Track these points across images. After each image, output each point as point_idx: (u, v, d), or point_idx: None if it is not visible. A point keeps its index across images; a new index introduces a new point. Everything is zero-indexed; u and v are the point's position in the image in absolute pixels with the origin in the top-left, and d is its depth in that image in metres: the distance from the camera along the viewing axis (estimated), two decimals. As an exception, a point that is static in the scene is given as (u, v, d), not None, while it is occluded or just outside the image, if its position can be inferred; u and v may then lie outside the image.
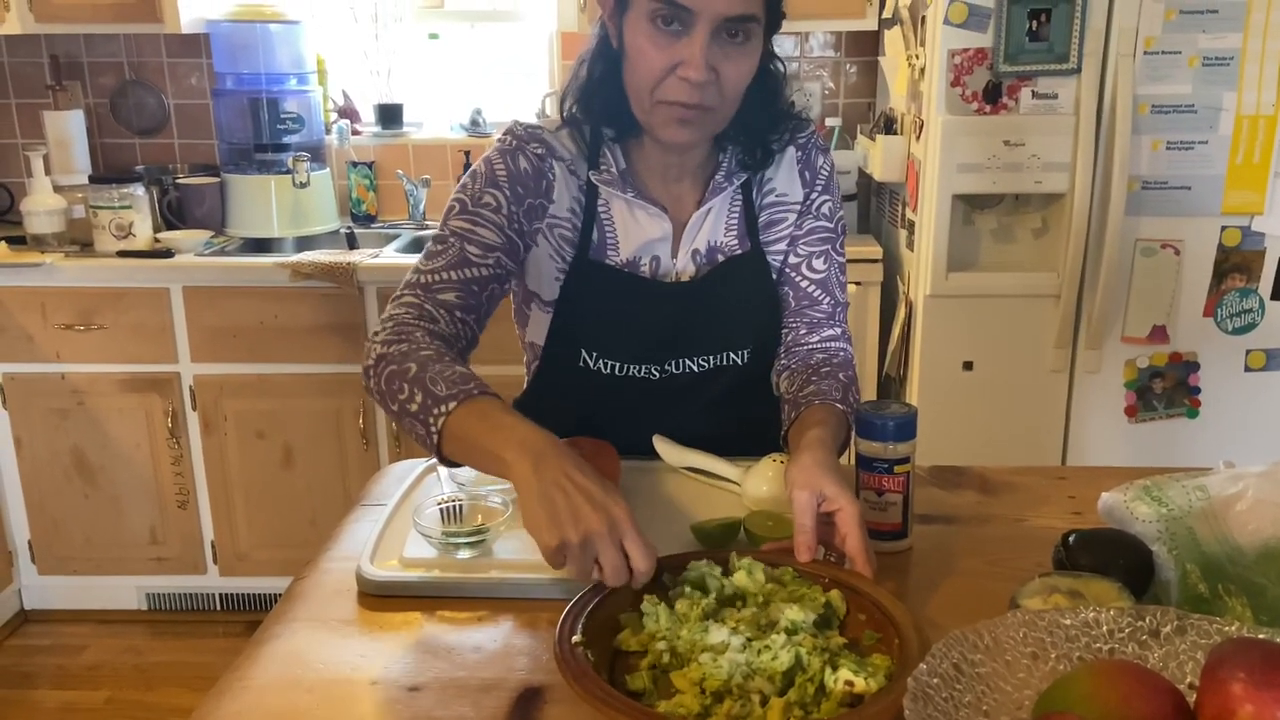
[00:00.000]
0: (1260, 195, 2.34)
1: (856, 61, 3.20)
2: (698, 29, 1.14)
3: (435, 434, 1.05)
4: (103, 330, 2.75)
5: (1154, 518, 1.01)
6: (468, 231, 1.25)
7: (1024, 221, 2.48)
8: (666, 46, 1.16)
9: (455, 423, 1.04)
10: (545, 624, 0.99)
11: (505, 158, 1.29)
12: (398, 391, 1.09)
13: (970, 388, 2.51)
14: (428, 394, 1.06)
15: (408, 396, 1.08)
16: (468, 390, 1.06)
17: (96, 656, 2.84)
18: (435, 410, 1.05)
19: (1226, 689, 0.69)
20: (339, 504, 2.75)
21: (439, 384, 1.07)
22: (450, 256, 1.24)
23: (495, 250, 1.25)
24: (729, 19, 1.14)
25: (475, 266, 1.24)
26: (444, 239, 1.25)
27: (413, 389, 1.08)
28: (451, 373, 1.08)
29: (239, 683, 0.92)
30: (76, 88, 3.21)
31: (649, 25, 1.16)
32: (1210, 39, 2.25)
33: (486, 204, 1.26)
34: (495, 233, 1.26)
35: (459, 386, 1.06)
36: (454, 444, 1.05)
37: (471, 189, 1.28)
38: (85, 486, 2.88)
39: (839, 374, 1.30)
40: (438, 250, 1.25)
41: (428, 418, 1.06)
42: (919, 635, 0.88)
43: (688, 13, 1.13)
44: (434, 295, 1.22)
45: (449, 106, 3.35)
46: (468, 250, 1.24)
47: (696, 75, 1.15)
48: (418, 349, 1.13)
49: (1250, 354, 2.44)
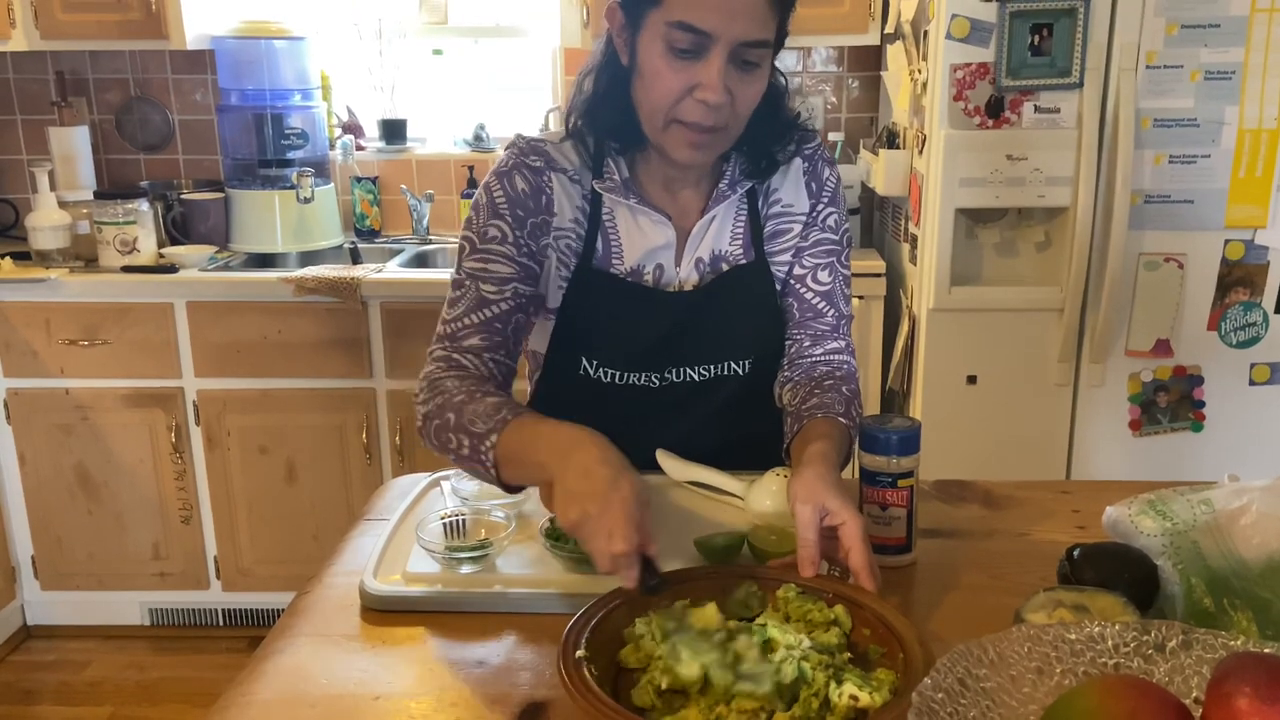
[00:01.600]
0: (1263, 209, 2.34)
1: (859, 76, 3.21)
2: (714, 52, 1.15)
3: (493, 467, 1.11)
4: (107, 345, 2.75)
5: (1159, 532, 1.01)
6: (480, 271, 1.28)
7: (1027, 235, 2.48)
8: (683, 69, 1.17)
9: (501, 453, 1.10)
10: (549, 639, 0.99)
11: (503, 181, 1.30)
12: (449, 443, 1.16)
13: (974, 402, 2.50)
14: (471, 436, 1.13)
15: (457, 445, 1.14)
16: (502, 419, 1.11)
17: (99, 672, 2.83)
18: (482, 449, 1.11)
19: (1232, 704, 0.68)
20: (342, 519, 2.75)
21: (476, 423, 1.13)
22: (469, 301, 1.27)
23: (510, 282, 1.28)
24: (745, 43, 1.15)
25: (494, 305, 1.27)
26: (460, 283, 1.29)
27: (459, 438, 1.14)
28: (484, 407, 1.14)
29: (242, 698, 0.92)
30: (82, 104, 3.23)
31: (665, 48, 1.16)
32: (1212, 53, 2.25)
33: (493, 238, 1.28)
34: (506, 264, 1.28)
35: (493, 418, 1.12)
36: (508, 469, 1.11)
37: (476, 225, 1.30)
38: (88, 502, 2.88)
39: (842, 387, 1.30)
40: (457, 296, 1.28)
41: (479, 457, 1.12)
42: (923, 650, 0.87)
43: (706, 37, 1.14)
44: (459, 343, 1.26)
45: (453, 122, 3.36)
46: (484, 290, 1.27)
47: (715, 98, 1.16)
48: (451, 398, 1.18)
49: (1255, 367, 2.44)
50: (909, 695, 0.75)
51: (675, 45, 1.15)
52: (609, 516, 0.95)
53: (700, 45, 1.15)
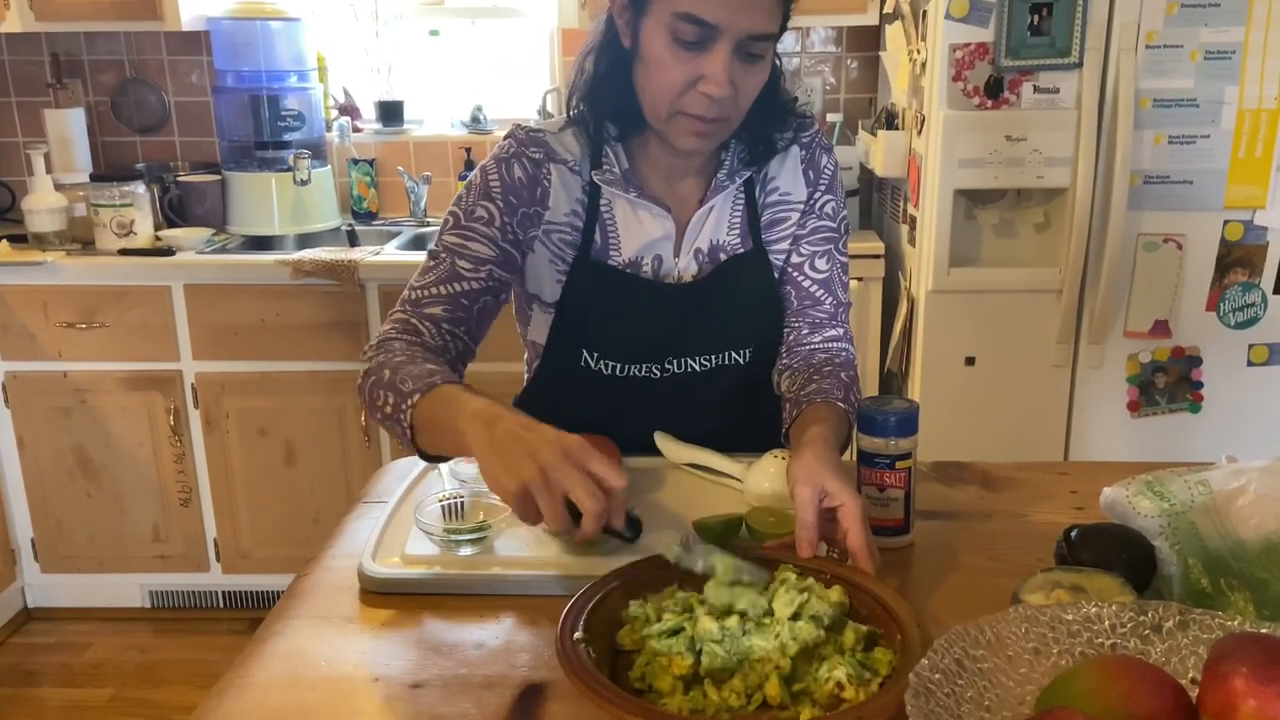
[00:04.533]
0: (1263, 189, 2.33)
1: (858, 57, 3.20)
2: (720, 45, 1.14)
3: (408, 428, 1.09)
4: (104, 328, 2.75)
5: (1156, 512, 1.01)
6: (459, 246, 1.27)
7: (1026, 216, 2.48)
8: (688, 60, 1.16)
9: (420, 412, 1.08)
10: (547, 620, 0.99)
11: (500, 167, 1.29)
12: (376, 399, 1.14)
13: (972, 383, 2.50)
14: (397, 393, 1.11)
15: (384, 401, 1.12)
16: (431, 382, 1.09)
17: (100, 654, 2.84)
18: (403, 406, 1.09)
19: (1229, 684, 0.69)
20: (341, 501, 2.76)
21: (406, 382, 1.11)
22: (441, 272, 1.26)
23: (487, 263, 1.27)
24: (751, 36, 1.15)
25: (465, 280, 1.26)
26: (436, 254, 1.28)
27: (386, 393, 1.12)
28: (419, 370, 1.12)
29: (241, 680, 0.92)
30: (77, 86, 3.21)
31: (671, 39, 1.15)
32: (1212, 32, 2.24)
33: (479, 217, 1.28)
34: (488, 245, 1.27)
35: (424, 380, 1.10)
36: (424, 433, 1.09)
37: (466, 202, 1.29)
38: (88, 485, 2.88)
39: (841, 373, 1.30)
40: (430, 266, 1.28)
41: (399, 415, 1.10)
42: (921, 631, 0.87)
43: (713, 30, 1.13)
44: (421, 310, 1.25)
45: (450, 103, 3.34)
46: (458, 265, 1.26)
47: (720, 91, 1.16)
48: (393, 357, 1.17)
49: (1253, 348, 2.44)
50: (906, 676, 0.75)
51: (681, 37, 1.15)
52: (571, 458, 0.92)
53: (706, 37, 1.14)
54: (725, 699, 0.84)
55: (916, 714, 0.71)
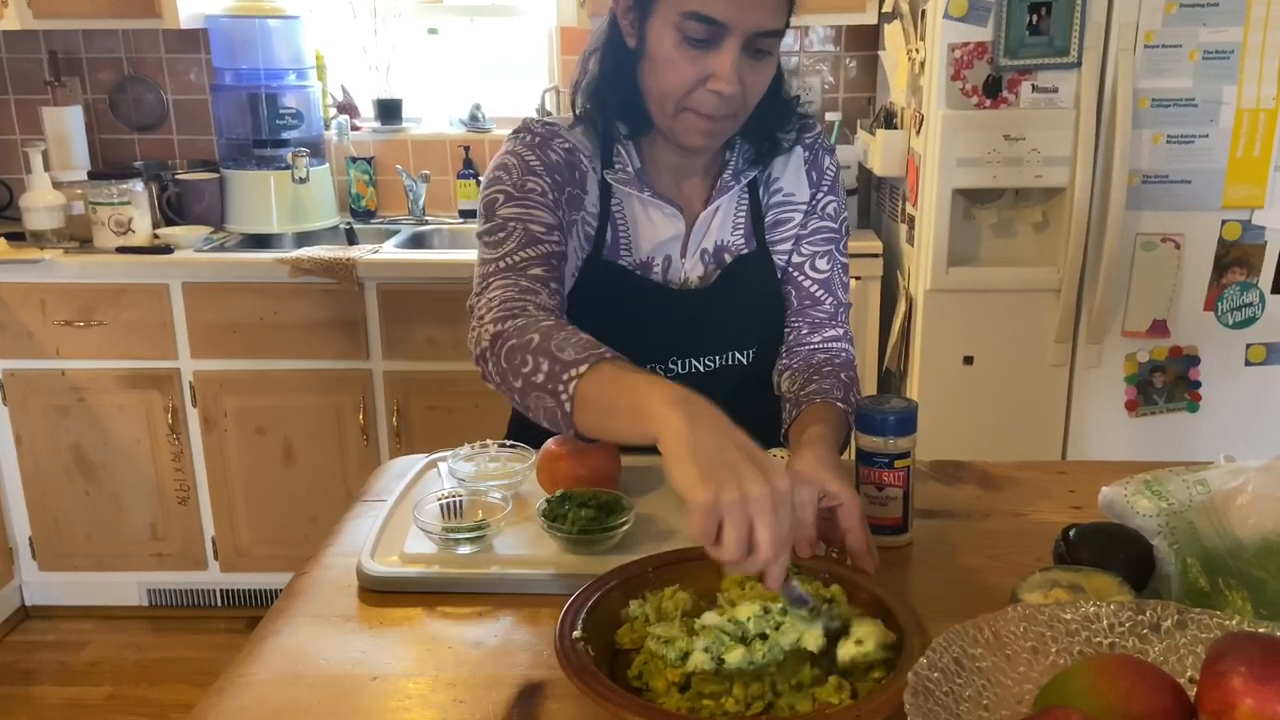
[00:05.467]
0: (1261, 189, 2.33)
1: (856, 56, 3.20)
2: (729, 43, 1.14)
3: (568, 400, 0.99)
4: (102, 326, 2.75)
5: (1154, 512, 1.01)
6: (524, 214, 1.19)
7: (1024, 216, 2.48)
8: (696, 59, 1.16)
9: (588, 386, 0.98)
10: (546, 619, 0.99)
11: (535, 150, 1.25)
12: (520, 365, 1.04)
13: (970, 382, 2.50)
14: (555, 361, 1.01)
15: (533, 368, 1.02)
16: (599, 354, 1.00)
17: (98, 652, 2.84)
18: (565, 376, 0.99)
19: (1227, 683, 0.69)
20: (339, 500, 2.75)
21: (566, 350, 1.01)
22: (519, 238, 1.18)
23: (555, 229, 1.20)
24: (759, 34, 1.15)
25: (544, 243, 1.19)
26: (502, 225, 1.19)
27: (538, 359, 1.02)
28: (578, 339, 1.03)
29: (240, 679, 0.92)
30: (75, 84, 3.21)
31: (679, 37, 1.15)
32: (1210, 32, 2.24)
33: (532, 189, 1.22)
34: (549, 213, 1.21)
35: (589, 350, 1.00)
36: (587, 411, 0.99)
37: (511, 180, 1.22)
38: (86, 483, 2.88)
39: (840, 374, 1.30)
40: (501, 237, 1.18)
41: (557, 385, 1.00)
42: (919, 630, 0.88)
43: (721, 27, 1.13)
44: (524, 273, 1.16)
45: (448, 102, 3.34)
46: (533, 229, 1.18)
47: (730, 89, 1.15)
48: (536, 320, 1.08)
49: (1251, 348, 2.44)
50: (905, 675, 0.75)
51: (689, 35, 1.14)
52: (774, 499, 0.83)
53: (714, 35, 1.14)
54: (722, 704, 0.83)
55: (915, 712, 0.71)
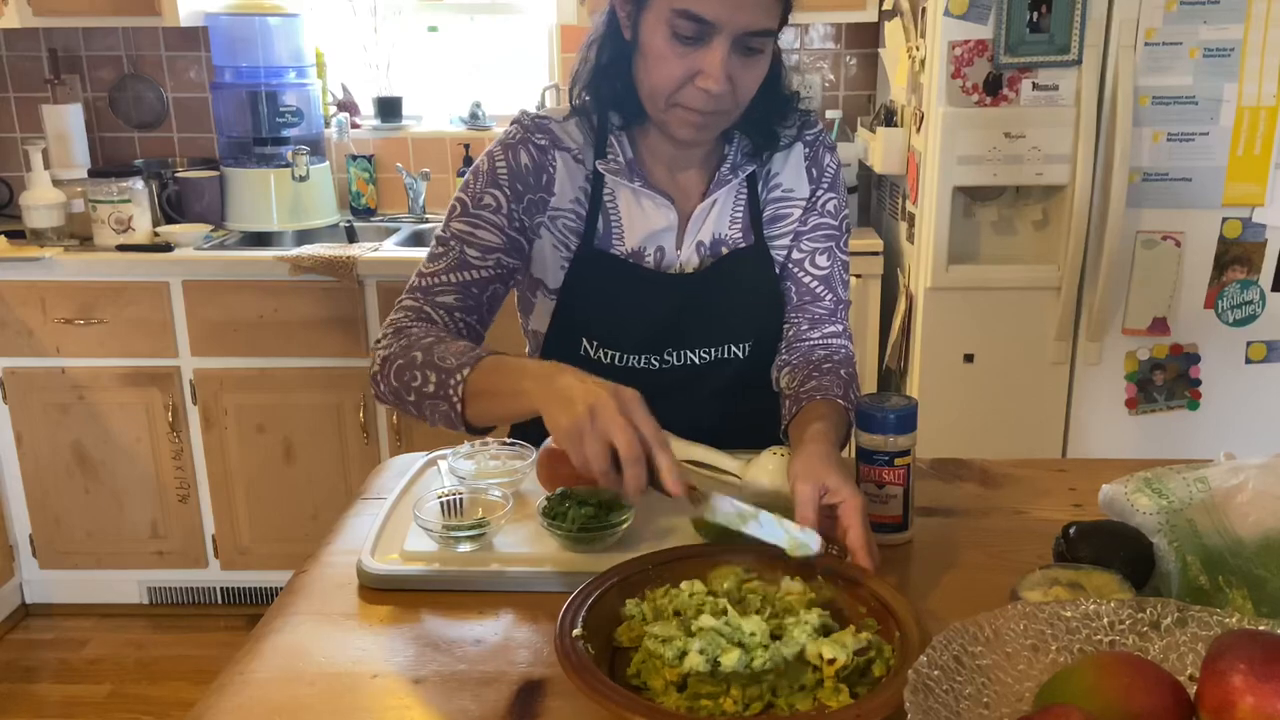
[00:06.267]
0: (1261, 187, 2.33)
1: (857, 54, 3.20)
2: (718, 42, 1.15)
3: (458, 400, 1.09)
4: (102, 324, 2.75)
5: (1154, 509, 1.01)
6: (467, 234, 1.27)
7: (1025, 214, 2.48)
8: (686, 55, 1.16)
9: (472, 384, 1.08)
10: (546, 617, 0.99)
11: (507, 153, 1.29)
12: (410, 380, 1.13)
13: (971, 380, 2.50)
14: (439, 371, 1.10)
15: (421, 381, 1.12)
16: (476, 354, 1.10)
17: (98, 650, 2.84)
18: (451, 382, 1.09)
19: (1227, 681, 0.69)
20: (340, 498, 2.76)
21: (447, 359, 1.11)
22: (450, 260, 1.27)
23: (495, 251, 1.28)
24: (749, 33, 1.15)
25: (475, 269, 1.27)
26: (445, 241, 1.28)
27: (424, 372, 1.12)
28: (457, 347, 1.13)
29: (240, 676, 0.92)
30: (75, 81, 3.21)
31: (669, 34, 1.16)
32: (1211, 30, 2.24)
33: (486, 205, 1.28)
34: (495, 234, 1.27)
35: (467, 354, 1.10)
36: (476, 404, 1.09)
37: (472, 189, 1.29)
38: (86, 481, 2.88)
39: (840, 370, 1.30)
40: (439, 253, 1.28)
41: (446, 390, 1.10)
42: (920, 628, 0.88)
43: (710, 26, 1.14)
44: (433, 298, 1.25)
45: (448, 100, 3.34)
46: (467, 253, 1.27)
47: (717, 87, 1.16)
48: (419, 339, 1.17)
49: (1251, 345, 2.44)
50: (905, 673, 0.75)
51: (679, 32, 1.15)
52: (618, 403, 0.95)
53: (704, 34, 1.14)
54: (721, 704, 0.83)
55: (915, 710, 0.71)
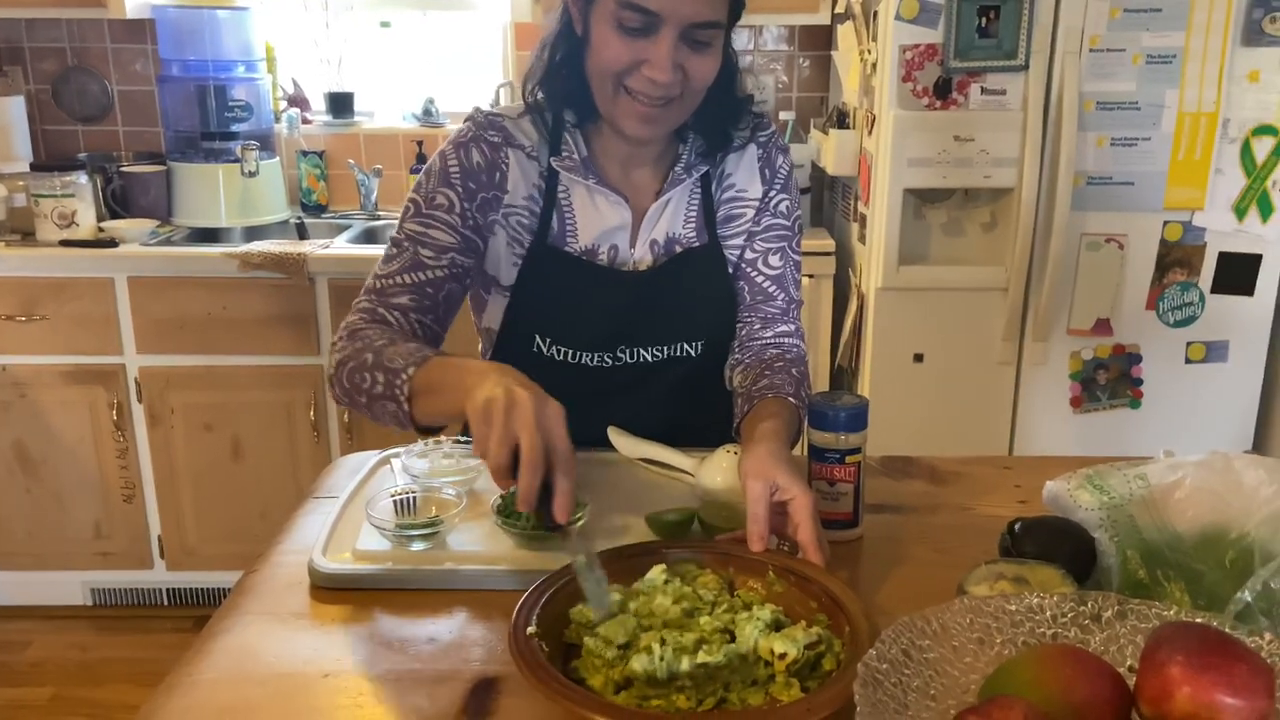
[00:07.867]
0: (1201, 191, 2.39)
1: (809, 56, 3.22)
2: (664, 33, 1.15)
3: (405, 400, 1.09)
4: (45, 321, 2.69)
5: (1096, 506, 1.03)
6: (421, 235, 1.27)
7: (973, 216, 2.51)
8: (632, 45, 1.17)
9: (418, 382, 1.09)
10: (500, 615, 0.99)
11: (459, 151, 1.29)
12: (361, 382, 1.14)
13: (920, 379, 2.54)
14: (387, 372, 1.11)
15: (370, 383, 1.12)
16: (424, 355, 1.10)
17: (41, 653, 2.79)
18: (397, 382, 1.10)
19: (1165, 671, 0.70)
20: (290, 497, 2.70)
21: (395, 359, 1.11)
22: (404, 261, 1.26)
23: (449, 251, 1.27)
24: (696, 24, 1.15)
25: (429, 269, 1.26)
26: (399, 243, 1.28)
27: (374, 374, 1.12)
28: (406, 348, 1.13)
29: (188, 678, 0.91)
30: (17, 73, 3.14)
31: (615, 24, 1.16)
32: (1153, 37, 2.29)
33: (439, 204, 1.28)
34: (448, 233, 1.27)
35: (414, 355, 1.11)
36: (422, 402, 1.09)
37: (425, 189, 1.29)
38: (27, 480, 2.82)
39: (792, 369, 1.31)
40: (393, 254, 1.28)
41: (393, 391, 1.10)
42: (869, 622, 0.89)
43: (655, 17, 1.14)
44: (388, 299, 1.25)
45: (401, 96, 3.31)
46: (421, 254, 1.26)
47: (664, 77, 1.17)
48: (371, 342, 1.17)
49: (1190, 346, 2.50)
50: (855, 666, 0.76)
51: (625, 24, 1.16)
52: (539, 409, 0.93)
53: (649, 25, 1.15)
54: (674, 701, 0.84)
55: (864, 703, 0.72)
